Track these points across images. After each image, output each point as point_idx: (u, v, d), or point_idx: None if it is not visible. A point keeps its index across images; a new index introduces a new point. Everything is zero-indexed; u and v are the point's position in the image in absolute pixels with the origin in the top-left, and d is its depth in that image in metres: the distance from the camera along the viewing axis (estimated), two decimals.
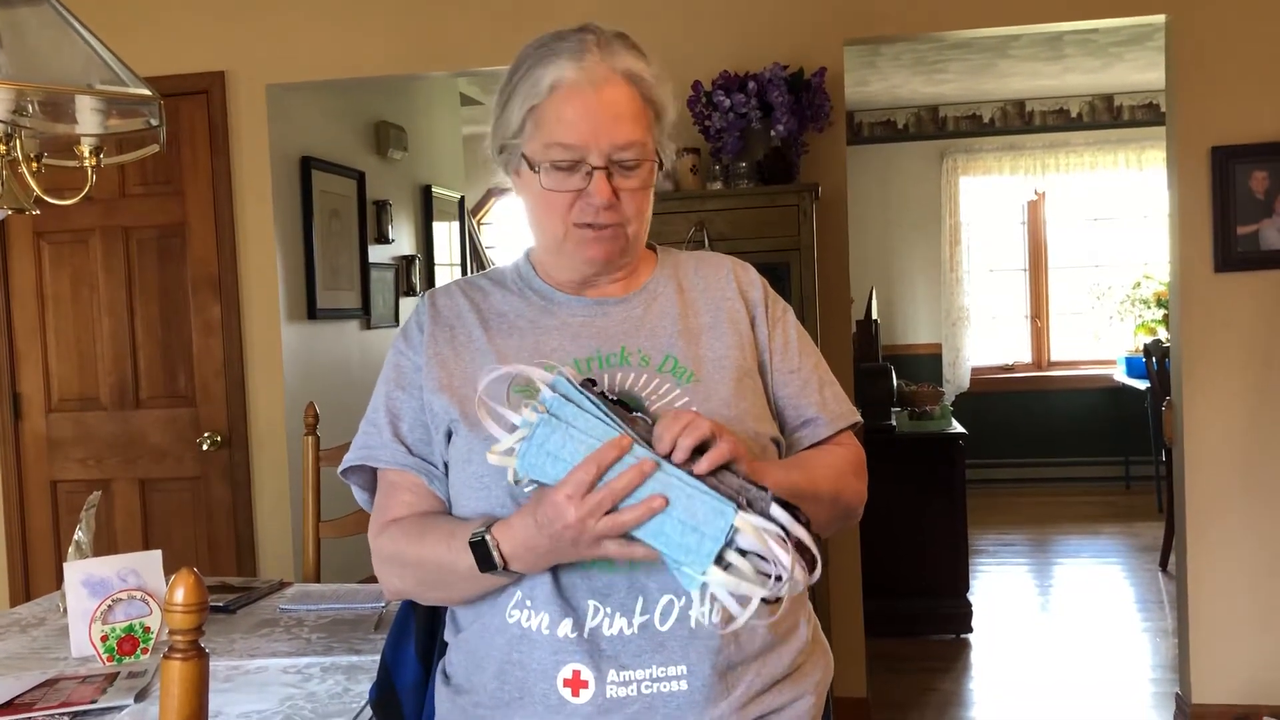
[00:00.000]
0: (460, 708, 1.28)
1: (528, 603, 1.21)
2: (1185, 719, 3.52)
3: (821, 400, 1.37)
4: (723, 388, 1.27)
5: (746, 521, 1.05)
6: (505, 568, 1.16)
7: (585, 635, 1.18)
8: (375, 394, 1.37)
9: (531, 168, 1.27)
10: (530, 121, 1.27)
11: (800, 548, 1.06)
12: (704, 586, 1.06)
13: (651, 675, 1.18)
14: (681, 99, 3.39)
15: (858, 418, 1.42)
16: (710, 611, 1.12)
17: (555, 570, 1.20)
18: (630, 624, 1.18)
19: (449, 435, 1.29)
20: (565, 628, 1.19)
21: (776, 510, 1.06)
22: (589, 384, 1.14)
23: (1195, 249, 3.43)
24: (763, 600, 1.06)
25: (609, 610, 1.18)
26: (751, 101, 3.28)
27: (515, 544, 1.15)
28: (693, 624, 1.19)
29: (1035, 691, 3.96)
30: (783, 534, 1.05)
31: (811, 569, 1.06)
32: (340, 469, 1.36)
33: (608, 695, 1.17)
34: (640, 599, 1.19)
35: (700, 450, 1.09)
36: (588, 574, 1.19)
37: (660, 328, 1.32)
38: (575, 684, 1.18)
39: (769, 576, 1.05)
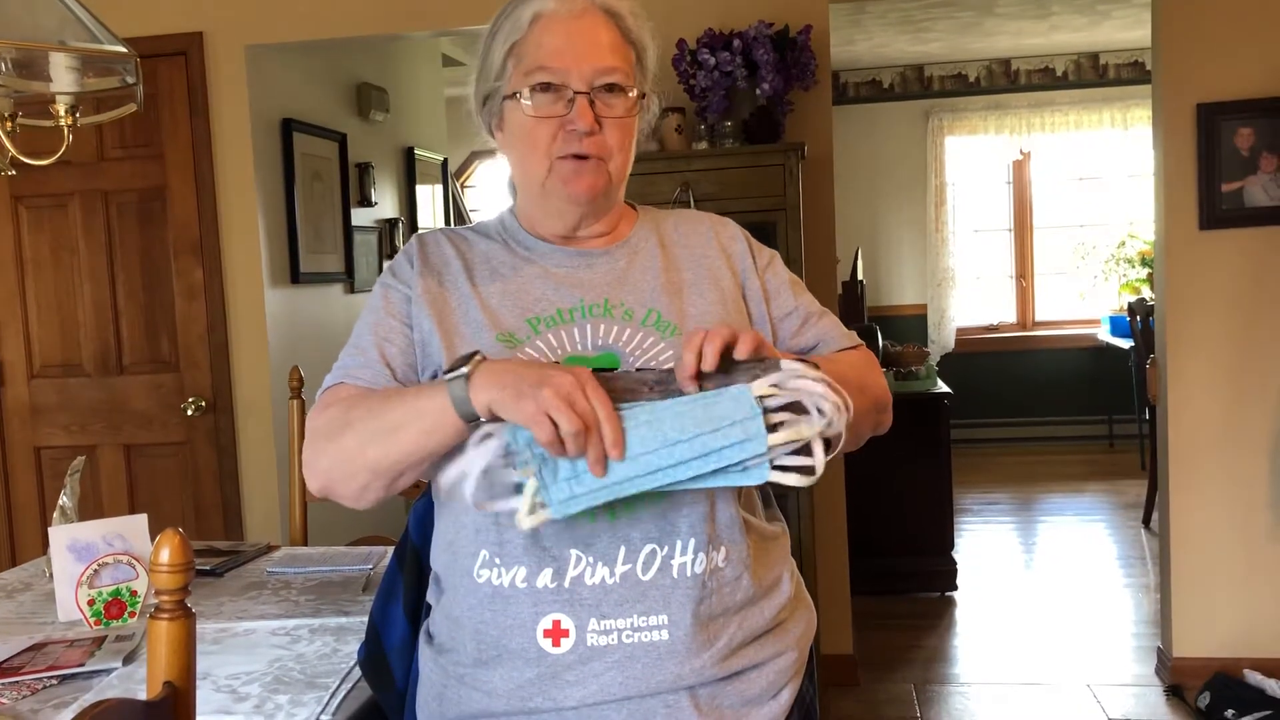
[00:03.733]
0: (441, 667, 1.28)
1: (496, 560, 1.21)
2: (1167, 672, 3.56)
3: (820, 329, 1.39)
4: None
5: (763, 383, 1.07)
6: (469, 377, 1.10)
7: (566, 585, 1.18)
8: (360, 323, 1.34)
9: (515, 98, 1.27)
10: (512, 59, 1.28)
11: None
12: (770, 467, 1.07)
13: (633, 624, 1.18)
14: (666, 57, 3.37)
15: (859, 340, 1.43)
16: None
17: None
18: (612, 573, 1.18)
19: (434, 378, 1.27)
20: (545, 578, 1.19)
21: (786, 363, 1.09)
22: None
23: (1180, 207, 3.43)
24: (825, 442, 1.08)
25: (591, 560, 1.18)
26: (736, 60, 3.25)
27: (501, 362, 1.11)
28: (674, 574, 1.19)
29: (1019, 647, 4.00)
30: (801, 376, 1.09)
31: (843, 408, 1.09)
32: (320, 391, 1.31)
33: (588, 644, 1.18)
34: (623, 548, 1.19)
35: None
36: (570, 524, 1.18)
37: (643, 282, 1.32)
38: (555, 634, 1.18)
39: (815, 415, 1.07)
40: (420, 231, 1.42)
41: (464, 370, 1.10)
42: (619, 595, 1.18)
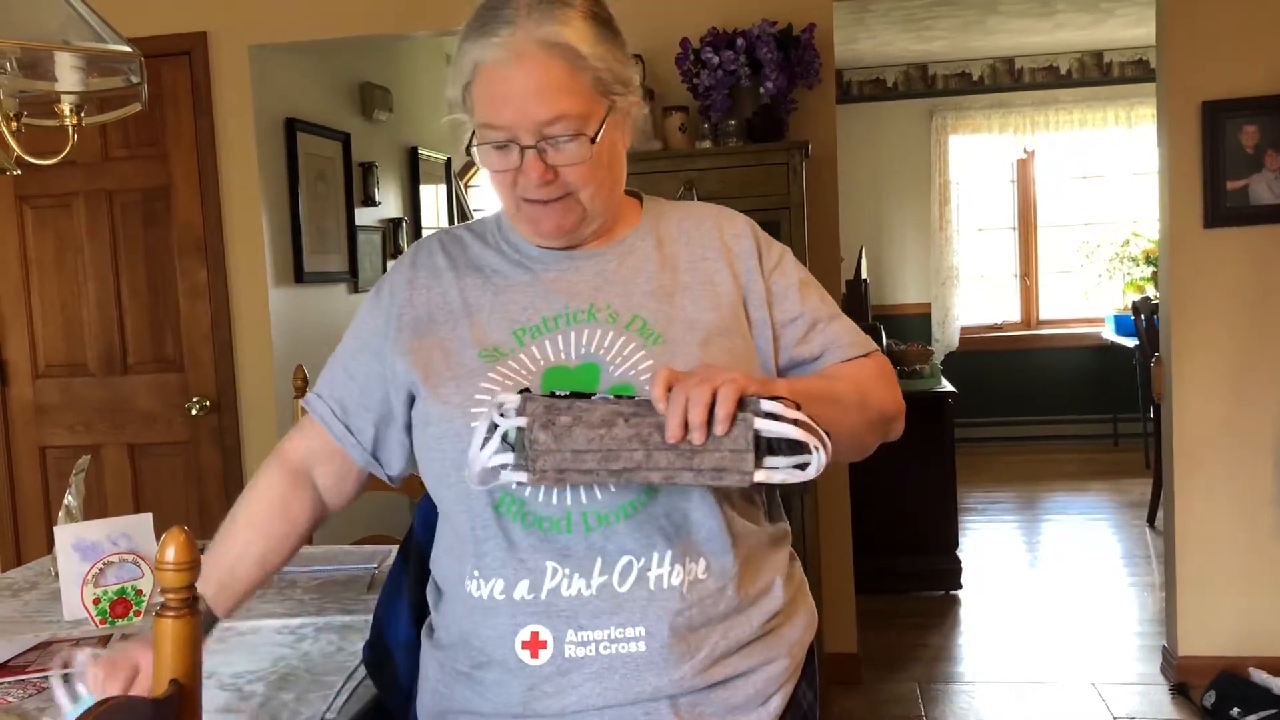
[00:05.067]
0: (440, 663, 1.29)
1: (475, 573, 1.21)
2: (1172, 671, 3.56)
3: (828, 336, 1.33)
4: (689, 349, 1.23)
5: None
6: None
7: (543, 596, 1.18)
8: (345, 336, 1.42)
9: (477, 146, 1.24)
10: (469, 98, 1.24)
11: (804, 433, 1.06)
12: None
13: (610, 636, 1.17)
14: (669, 56, 3.37)
15: (873, 346, 1.36)
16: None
17: (509, 534, 1.19)
18: (589, 585, 1.17)
19: (410, 398, 1.29)
20: (522, 589, 1.18)
21: (765, 403, 1.05)
22: None
23: (1185, 204, 3.42)
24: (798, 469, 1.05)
25: (567, 571, 1.17)
26: (740, 59, 3.25)
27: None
28: (651, 585, 1.18)
29: (1024, 646, 4.00)
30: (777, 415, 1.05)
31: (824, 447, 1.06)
32: (303, 403, 1.42)
33: (566, 655, 1.17)
34: (599, 560, 1.18)
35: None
36: (546, 536, 1.18)
37: (633, 284, 1.29)
38: (534, 645, 1.18)
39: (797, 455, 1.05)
40: (418, 240, 1.41)
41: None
42: (595, 607, 1.17)
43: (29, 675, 1.60)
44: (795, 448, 1.05)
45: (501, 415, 1.08)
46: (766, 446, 1.05)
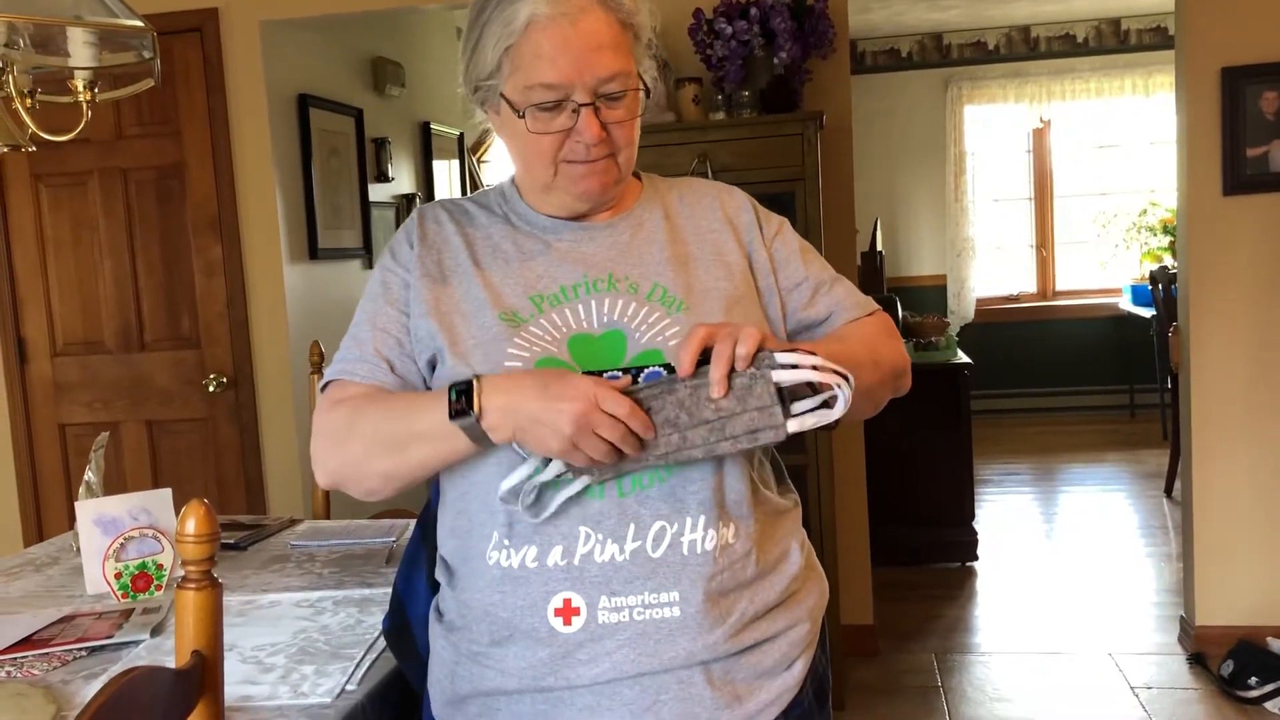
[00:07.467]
0: (453, 645, 1.28)
1: (505, 542, 1.20)
2: (1190, 641, 3.56)
3: (833, 298, 1.37)
4: (714, 316, 1.24)
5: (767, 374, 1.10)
6: (479, 418, 1.12)
7: (576, 563, 1.18)
8: (360, 310, 1.34)
9: (515, 111, 1.22)
10: (507, 61, 1.22)
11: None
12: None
13: (644, 602, 1.17)
14: (682, 27, 3.34)
15: (875, 306, 1.40)
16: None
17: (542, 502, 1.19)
18: (622, 550, 1.17)
19: (432, 364, 1.27)
20: (555, 556, 1.18)
21: (781, 355, 1.10)
22: None
23: (1204, 172, 3.39)
24: (823, 406, 1.12)
25: (600, 537, 1.18)
26: (754, 28, 3.22)
27: (503, 393, 1.12)
28: (685, 551, 1.18)
29: (1040, 617, 4.00)
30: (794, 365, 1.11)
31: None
32: (320, 384, 1.33)
33: (599, 622, 1.17)
34: (632, 526, 1.18)
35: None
36: (579, 501, 1.18)
37: (648, 254, 1.30)
38: (566, 612, 1.18)
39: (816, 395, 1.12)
40: (420, 207, 1.39)
41: (471, 415, 1.12)
42: (629, 573, 1.17)
43: (53, 648, 1.62)
44: (817, 390, 1.10)
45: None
46: (791, 396, 1.10)
